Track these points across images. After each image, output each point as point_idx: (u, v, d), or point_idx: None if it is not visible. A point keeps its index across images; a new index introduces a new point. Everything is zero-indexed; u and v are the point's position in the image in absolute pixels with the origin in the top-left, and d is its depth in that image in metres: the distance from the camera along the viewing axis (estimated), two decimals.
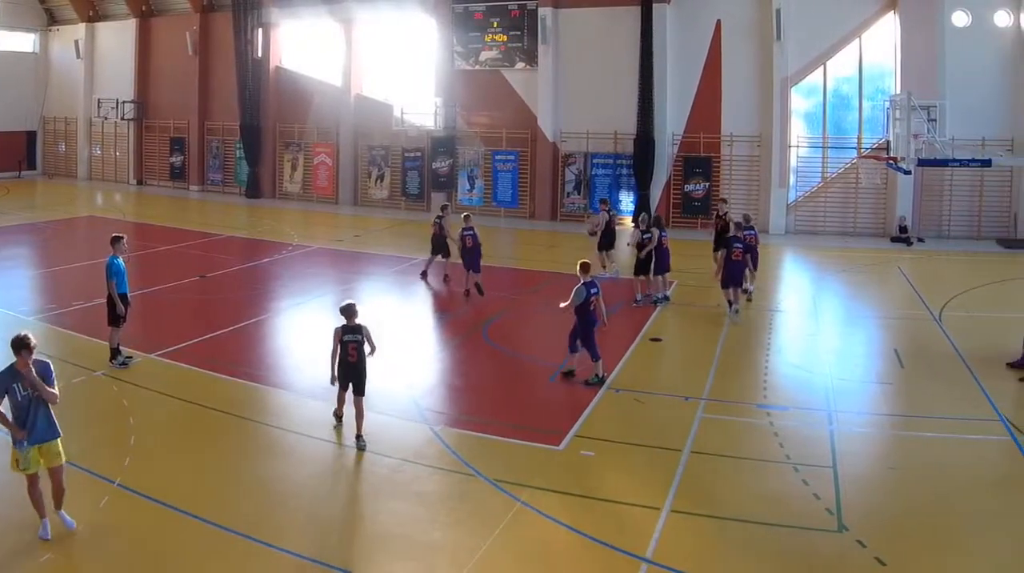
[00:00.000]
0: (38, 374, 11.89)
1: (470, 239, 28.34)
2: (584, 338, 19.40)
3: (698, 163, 44.28)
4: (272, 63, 55.19)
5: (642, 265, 26.93)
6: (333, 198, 53.61)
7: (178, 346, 21.54)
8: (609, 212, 32.37)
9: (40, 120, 67.05)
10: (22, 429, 11.71)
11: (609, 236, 32.12)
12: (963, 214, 40.63)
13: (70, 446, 12.86)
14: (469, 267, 28.31)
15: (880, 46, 41.76)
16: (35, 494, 11.92)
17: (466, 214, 30.79)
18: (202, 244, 37.67)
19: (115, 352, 19.86)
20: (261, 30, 54.55)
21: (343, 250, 37.19)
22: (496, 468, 14.63)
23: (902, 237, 39.79)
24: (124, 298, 19.83)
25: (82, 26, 63.40)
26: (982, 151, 34.59)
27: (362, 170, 53.26)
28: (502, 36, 47.76)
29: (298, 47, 55.55)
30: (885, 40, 41.55)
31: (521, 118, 47.65)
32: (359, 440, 15.75)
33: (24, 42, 65.89)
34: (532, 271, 32.23)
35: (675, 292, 28.62)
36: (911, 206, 40.73)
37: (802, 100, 43.66)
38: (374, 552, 12.13)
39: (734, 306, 25.73)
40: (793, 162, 43.37)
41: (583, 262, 19.82)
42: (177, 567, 11.60)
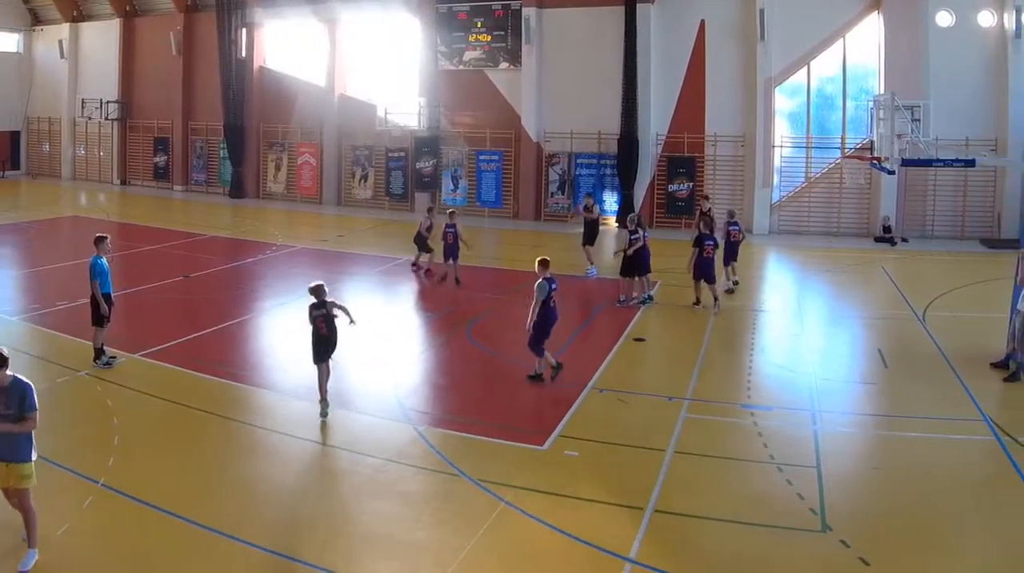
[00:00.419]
0: (16, 396, 11.44)
1: (451, 235, 30.02)
2: (538, 331, 19.29)
3: (682, 163, 44.34)
4: (256, 63, 55.08)
5: (629, 266, 26.90)
6: (317, 198, 53.51)
7: (162, 346, 21.46)
8: (594, 209, 32.52)
9: (24, 120, 66.77)
10: None
11: (592, 231, 32.20)
12: (947, 214, 40.76)
13: (54, 446, 12.84)
14: (448, 258, 30.22)
15: (864, 46, 41.90)
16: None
17: (451, 211, 32.57)
18: (186, 244, 37.56)
19: (99, 352, 19.78)
20: (245, 30, 54.42)
21: (327, 250, 37.12)
22: (480, 468, 14.60)
23: (886, 237, 39.90)
24: (108, 298, 19.75)
25: (66, 26, 63.14)
26: (966, 151, 34.64)
27: (346, 170, 53.20)
28: (486, 36, 47.75)
29: (282, 47, 55.44)
30: (869, 40, 41.69)
31: (505, 118, 47.66)
32: (324, 404, 17.20)
33: (8, 42, 65.57)
34: (516, 271, 32.16)
35: (658, 292, 28.61)
36: (895, 206, 40.85)
37: (786, 100, 43.76)
38: (358, 552, 12.09)
39: (708, 301, 26.40)
40: (777, 162, 43.46)
41: (542, 258, 19.79)
42: (161, 567, 11.57)
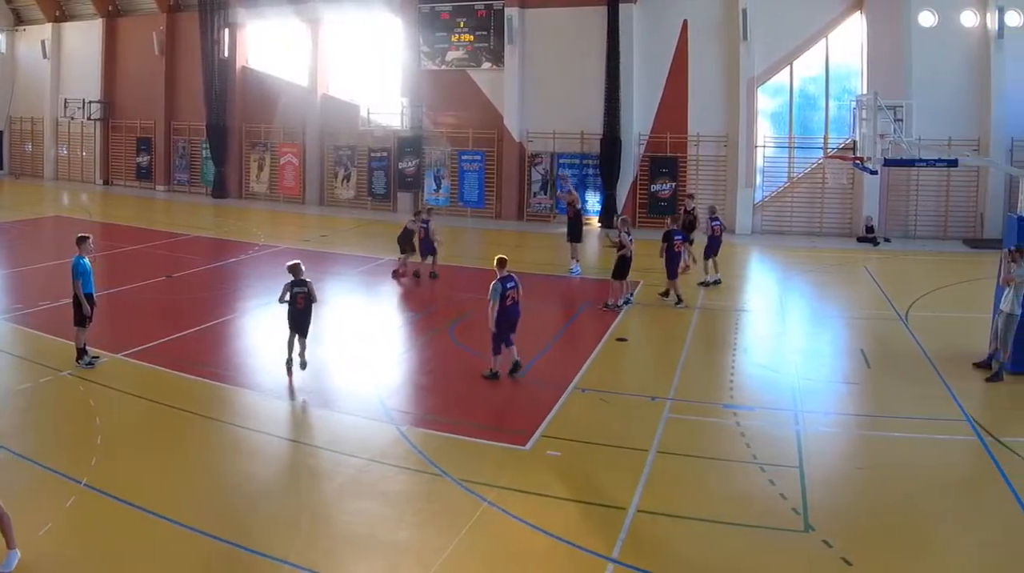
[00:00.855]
0: None
1: (423, 231, 30.82)
2: (498, 329, 19.46)
3: (665, 163, 44.45)
4: (239, 63, 55.04)
5: (622, 268, 26.75)
6: (299, 198, 53.48)
7: (145, 346, 21.40)
8: (577, 206, 32.60)
9: (7, 120, 66.65)
10: None
11: (577, 228, 32.25)
12: (929, 214, 40.97)
13: (36, 446, 12.77)
14: (423, 254, 30.86)
15: (847, 46, 42.13)
16: None
17: (428, 207, 34.33)
18: (168, 244, 37.46)
19: (81, 352, 19.73)
20: (228, 30, 54.44)
21: (310, 250, 37.03)
22: (463, 468, 14.58)
23: (868, 237, 40.04)
24: (90, 298, 19.68)
25: (48, 26, 63.01)
26: (948, 151, 34.75)
27: (328, 170, 53.18)
28: (468, 36, 47.82)
29: (265, 47, 55.40)
30: (852, 40, 41.90)
31: (487, 118, 47.70)
32: (301, 357, 19.59)
33: None
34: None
35: (641, 292, 28.68)
36: (877, 206, 41.02)
37: (768, 100, 43.93)
38: (340, 552, 12.06)
39: (675, 296, 27.00)
40: (760, 162, 43.61)
41: (500, 257, 19.90)
42: (143, 566, 11.54)
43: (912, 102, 28.51)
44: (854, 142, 29.01)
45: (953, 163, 27.24)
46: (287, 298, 19.37)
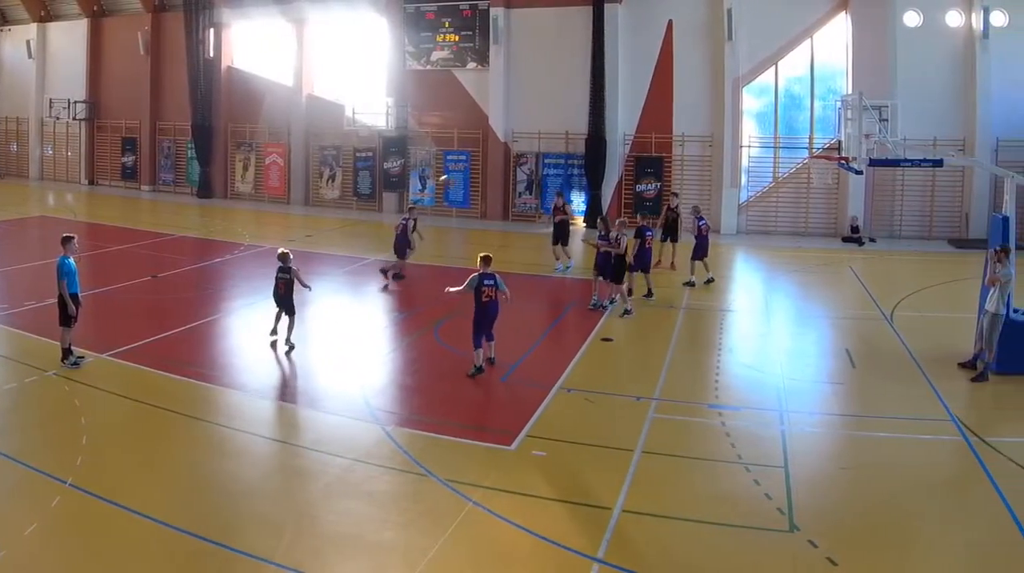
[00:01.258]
0: None
1: (400, 228, 30.66)
2: (475, 325, 19.88)
3: (650, 163, 44.48)
4: (224, 63, 54.89)
5: (620, 269, 26.60)
6: (285, 198, 53.40)
7: (130, 346, 21.35)
8: (565, 208, 32.64)
9: None
10: None
11: (563, 230, 32.26)
12: (915, 214, 41.09)
13: (22, 445, 12.73)
14: (396, 253, 30.62)
15: (832, 46, 42.18)
16: None
17: (411, 206, 34.05)
18: (154, 244, 37.35)
19: (67, 352, 19.67)
20: (213, 30, 54.32)
21: (295, 250, 36.63)
22: (448, 468, 14.58)
23: (854, 237, 40.13)
24: (75, 298, 19.62)
25: (34, 26, 62.71)
26: (934, 151, 34.83)
27: (313, 170, 53.08)
28: (454, 36, 47.80)
29: (250, 47, 55.27)
30: (837, 40, 41.99)
31: (472, 118, 47.70)
32: (288, 338, 21.45)
33: None
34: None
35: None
36: (863, 206, 41.12)
37: (753, 100, 43.98)
38: (326, 552, 12.03)
39: (630, 298, 26.55)
40: (745, 162, 43.64)
41: (484, 255, 20.10)
42: (128, 566, 11.50)
43: (897, 102, 28.53)
44: (839, 142, 28.97)
45: (938, 163, 27.28)
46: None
